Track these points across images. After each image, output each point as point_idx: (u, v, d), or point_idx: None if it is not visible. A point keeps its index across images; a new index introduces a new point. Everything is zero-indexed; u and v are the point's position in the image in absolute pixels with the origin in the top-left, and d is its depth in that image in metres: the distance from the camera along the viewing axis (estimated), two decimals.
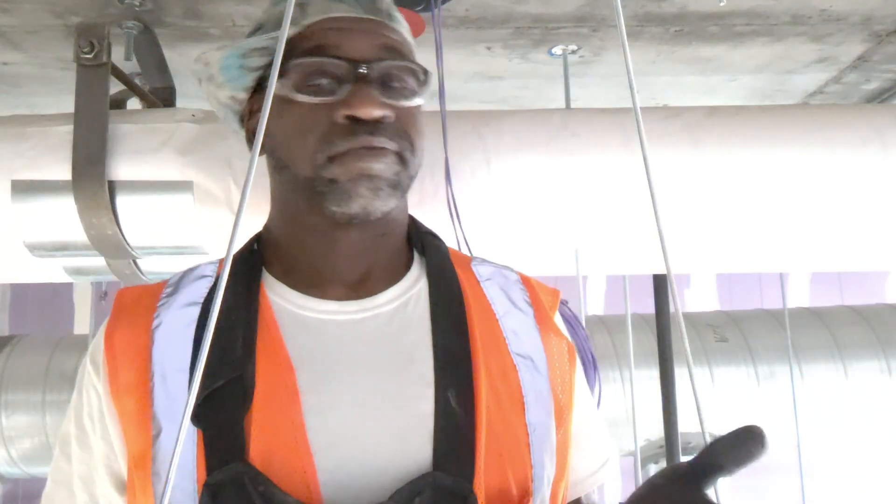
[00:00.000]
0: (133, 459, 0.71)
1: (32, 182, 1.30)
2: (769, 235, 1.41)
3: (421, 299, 0.79)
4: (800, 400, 3.07)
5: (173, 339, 0.74)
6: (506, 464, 0.72)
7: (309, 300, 0.77)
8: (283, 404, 0.70)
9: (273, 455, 0.67)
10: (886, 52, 1.87)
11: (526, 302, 0.84)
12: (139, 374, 0.73)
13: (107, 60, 1.30)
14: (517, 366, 0.78)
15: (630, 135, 1.36)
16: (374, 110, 0.72)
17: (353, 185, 0.72)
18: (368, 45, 0.76)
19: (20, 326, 5.31)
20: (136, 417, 0.71)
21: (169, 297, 0.78)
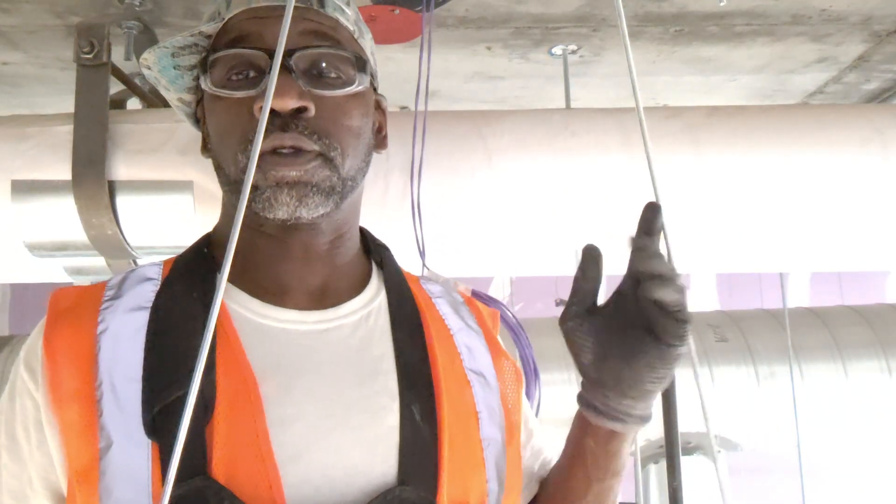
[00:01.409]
0: (76, 473, 0.65)
1: (32, 182, 1.30)
2: (769, 235, 1.41)
3: (381, 312, 0.78)
4: (800, 400, 3.07)
5: (121, 346, 0.69)
6: (465, 478, 0.72)
7: (269, 308, 0.73)
8: (247, 416, 0.66)
9: (237, 468, 0.64)
10: (886, 52, 1.87)
11: (474, 321, 0.84)
12: (83, 382, 0.67)
13: (107, 60, 1.30)
14: (471, 381, 0.78)
15: (630, 135, 1.36)
16: (288, 101, 0.68)
17: (274, 192, 0.69)
18: (296, 33, 0.71)
19: (20, 326, 5.31)
20: (81, 429, 0.66)
21: (112, 301, 0.72)
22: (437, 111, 1.34)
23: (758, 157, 1.37)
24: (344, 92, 0.73)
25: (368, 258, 0.84)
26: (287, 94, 0.68)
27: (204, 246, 0.79)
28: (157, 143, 1.31)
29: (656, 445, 3.00)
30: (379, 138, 0.84)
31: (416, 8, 1.49)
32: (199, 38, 0.75)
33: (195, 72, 0.78)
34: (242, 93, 0.70)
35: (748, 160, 1.36)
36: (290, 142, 0.69)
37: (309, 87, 0.71)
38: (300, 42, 0.72)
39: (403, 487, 0.67)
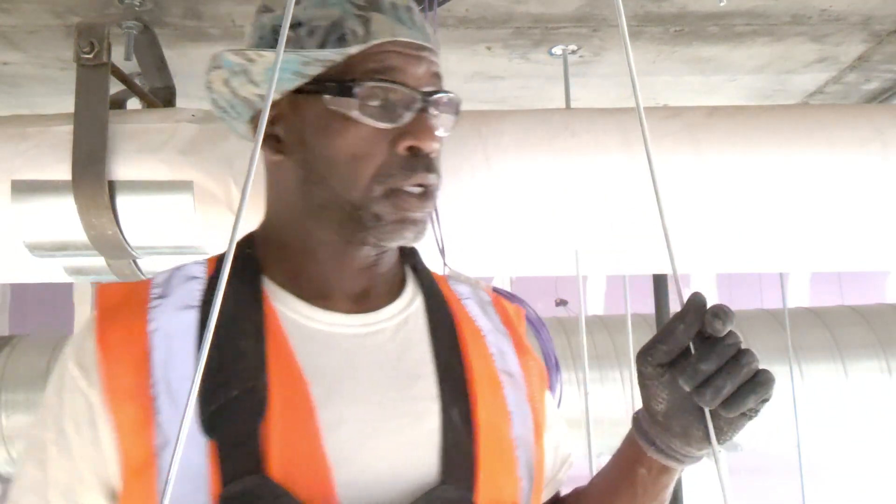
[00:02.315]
0: (131, 470, 0.67)
1: (32, 182, 1.30)
2: (769, 235, 1.41)
3: (419, 316, 0.80)
4: (800, 400, 3.07)
5: (174, 346, 0.71)
6: (499, 477, 0.74)
7: (316, 311, 0.76)
8: (299, 417, 0.69)
9: (292, 468, 0.66)
10: (886, 52, 1.87)
11: (501, 322, 0.86)
12: (139, 380, 0.69)
13: (107, 60, 1.30)
14: (502, 382, 0.80)
15: (630, 135, 1.36)
16: (434, 143, 0.74)
17: (399, 227, 0.74)
18: (426, 74, 0.76)
19: (20, 326, 5.31)
20: (137, 427, 0.68)
21: (161, 300, 0.74)
22: None
23: (758, 157, 1.37)
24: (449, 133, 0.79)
25: (401, 261, 0.86)
26: (433, 137, 0.74)
27: (247, 246, 0.80)
28: (157, 143, 1.31)
29: None
30: None
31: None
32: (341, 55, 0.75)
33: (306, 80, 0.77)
34: (387, 125, 0.73)
35: (748, 160, 1.36)
36: (430, 181, 0.75)
37: (437, 126, 0.76)
38: (431, 84, 0.76)
39: (445, 487, 0.70)
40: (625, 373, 3.15)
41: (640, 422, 0.75)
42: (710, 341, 0.65)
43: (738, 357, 0.65)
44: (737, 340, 0.65)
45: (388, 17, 0.75)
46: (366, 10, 0.75)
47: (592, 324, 3.41)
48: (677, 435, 0.70)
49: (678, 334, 0.66)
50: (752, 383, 0.65)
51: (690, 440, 0.70)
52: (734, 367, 0.65)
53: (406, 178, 0.73)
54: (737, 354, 0.65)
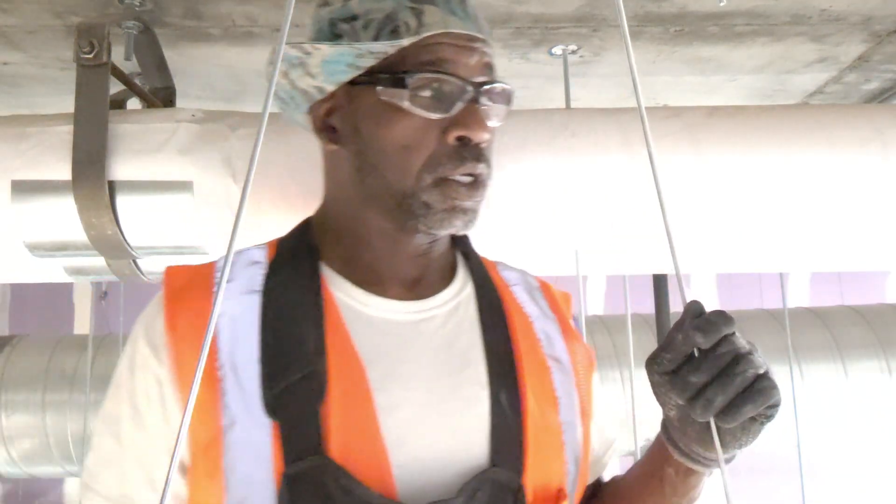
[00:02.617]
0: (200, 448, 0.70)
1: (32, 182, 1.30)
2: (769, 235, 1.41)
3: (470, 303, 0.83)
4: (800, 400, 3.07)
5: (239, 329, 0.74)
6: (547, 461, 0.77)
7: (371, 297, 0.78)
8: (357, 400, 0.72)
9: (350, 449, 0.70)
10: (886, 52, 1.87)
11: (549, 308, 0.88)
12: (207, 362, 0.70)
13: (107, 60, 1.30)
14: (550, 367, 0.82)
15: (630, 135, 1.36)
16: (484, 133, 0.75)
17: (449, 215, 0.76)
18: (478, 65, 0.77)
19: (20, 326, 5.31)
20: (205, 406, 0.71)
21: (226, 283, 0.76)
22: None
23: (758, 157, 1.37)
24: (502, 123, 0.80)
25: (452, 248, 0.88)
26: (485, 128, 0.75)
27: (305, 231, 0.84)
28: (157, 143, 1.31)
29: None
30: None
31: None
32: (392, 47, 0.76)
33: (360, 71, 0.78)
34: (437, 115, 0.75)
35: (748, 160, 1.36)
36: (480, 171, 0.76)
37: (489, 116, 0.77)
38: (483, 75, 0.77)
39: (494, 469, 0.72)
40: (625, 373, 3.15)
41: (666, 424, 0.75)
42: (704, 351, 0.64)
43: (731, 366, 0.63)
44: (732, 348, 0.63)
45: (441, 9, 0.77)
46: (419, 2, 0.77)
47: (592, 324, 3.41)
48: (694, 440, 0.70)
49: (677, 344, 0.66)
50: (748, 392, 0.63)
51: (707, 445, 0.69)
52: (727, 377, 0.63)
53: (455, 167, 0.75)
54: (731, 363, 0.63)
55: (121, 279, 1.47)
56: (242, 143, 1.31)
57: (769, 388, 0.64)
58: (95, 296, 4.39)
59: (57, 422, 3.27)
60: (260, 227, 1.27)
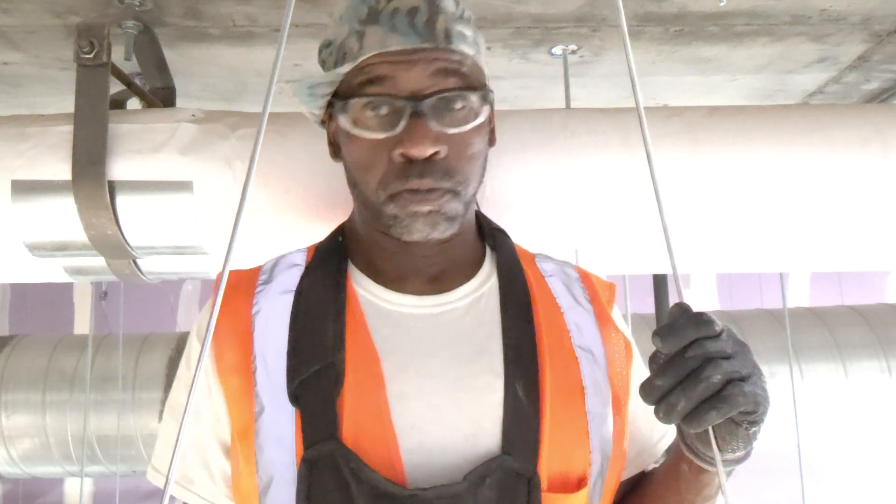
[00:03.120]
0: (237, 432, 0.78)
1: (32, 182, 1.30)
2: (769, 235, 1.41)
3: (492, 295, 0.85)
4: (800, 400, 3.07)
5: (271, 326, 0.81)
6: (567, 450, 0.78)
7: (391, 294, 0.83)
8: (371, 390, 0.76)
9: (362, 435, 0.74)
10: (886, 52, 1.86)
11: (586, 299, 0.89)
12: (242, 356, 0.79)
13: (107, 60, 1.30)
14: (578, 357, 0.83)
15: (630, 135, 1.36)
16: (425, 149, 0.75)
17: (412, 220, 0.78)
18: (422, 75, 0.77)
19: (20, 326, 5.31)
20: (240, 395, 0.78)
21: (265, 285, 0.84)
22: None
23: (758, 156, 1.37)
24: (471, 126, 0.79)
25: (482, 241, 0.91)
26: (423, 143, 0.76)
27: (339, 235, 0.90)
28: (157, 143, 1.31)
29: None
30: (491, 137, 0.89)
31: None
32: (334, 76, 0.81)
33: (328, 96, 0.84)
34: (382, 135, 0.77)
35: (748, 160, 1.36)
36: (428, 186, 0.77)
37: (440, 126, 0.77)
38: (432, 83, 0.77)
39: (505, 457, 0.74)
40: None
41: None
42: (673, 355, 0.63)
43: (697, 371, 0.62)
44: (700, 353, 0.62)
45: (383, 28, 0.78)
46: (364, 24, 0.79)
47: None
48: (696, 438, 0.71)
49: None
50: (714, 398, 0.62)
51: (707, 445, 0.69)
52: (691, 382, 0.62)
53: (402, 185, 0.77)
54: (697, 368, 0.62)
55: (121, 279, 1.47)
56: (242, 143, 1.31)
57: (737, 395, 0.62)
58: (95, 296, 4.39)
59: (57, 422, 3.27)
60: (260, 227, 1.27)
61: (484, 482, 0.72)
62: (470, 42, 0.83)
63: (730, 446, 0.67)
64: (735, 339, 0.66)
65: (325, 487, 0.72)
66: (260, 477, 0.76)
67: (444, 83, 0.78)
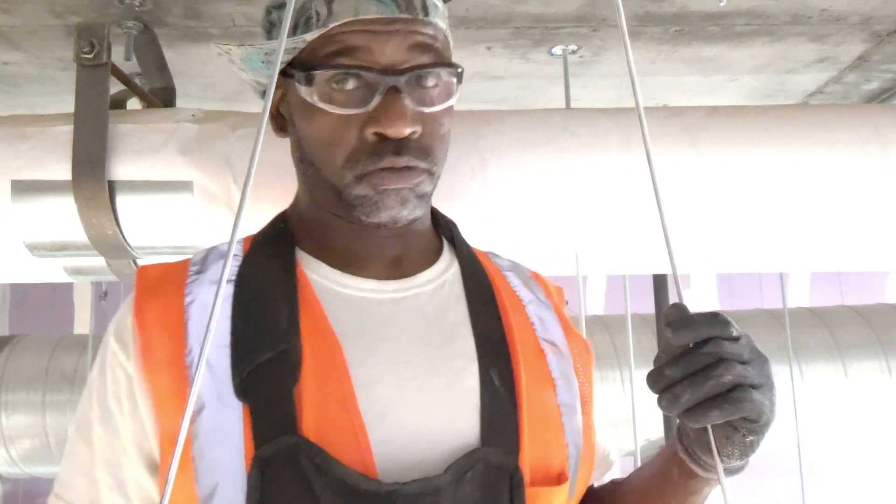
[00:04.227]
0: (168, 438, 0.68)
1: (32, 182, 1.30)
2: (769, 235, 1.41)
3: (455, 281, 0.80)
4: (800, 400, 3.07)
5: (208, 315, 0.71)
6: (546, 442, 0.73)
7: (348, 278, 0.76)
8: (333, 377, 0.69)
9: (326, 427, 0.67)
10: (886, 52, 1.87)
11: (543, 296, 0.85)
12: (174, 349, 0.70)
13: (107, 60, 1.30)
14: (545, 350, 0.79)
15: (630, 135, 1.36)
16: (403, 128, 0.70)
17: (382, 197, 0.72)
18: (399, 49, 0.71)
19: (20, 326, 5.31)
20: (172, 394, 0.69)
21: (198, 275, 0.76)
22: None
23: (758, 157, 1.37)
24: (445, 106, 0.74)
25: (438, 233, 0.86)
26: (400, 122, 0.70)
27: (281, 222, 0.82)
28: (157, 143, 1.31)
29: (656, 445, 3.01)
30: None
31: None
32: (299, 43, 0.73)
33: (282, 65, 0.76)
34: (352, 111, 0.71)
35: (748, 160, 1.36)
36: (404, 164, 0.71)
37: (416, 105, 0.71)
38: (408, 58, 0.72)
39: (487, 449, 0.68)
40: (625, 373, 3.15)
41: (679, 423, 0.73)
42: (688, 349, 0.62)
43: (709, 368, 0.61)
44: (715, 350, 0.61)
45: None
46: None
47: (592, 324, 3.41)
48: (693, 441, 0.69)
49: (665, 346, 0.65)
50: (720, 398, 0.61)
51: (704, 448, 0.68)
52: (700, 377, 0.61)
53: (374, 164, 0.71)
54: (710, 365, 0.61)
55: (121, 279, 1.47)
56: (242, 143, 1.31)
57: (743, 400, 0.61)
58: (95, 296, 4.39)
59: (57, 422, 3.27)
60: (260, 227, 1.27)
61: (465, 476, 0.66)
62: (441, 15, 0.78)
63: (724, 450, 0.65)
64: (754, 349, 0.64)
65: (281, 488, 0.64)
66: (201, 485, 0.66)
67: (421, 58, 0.72)
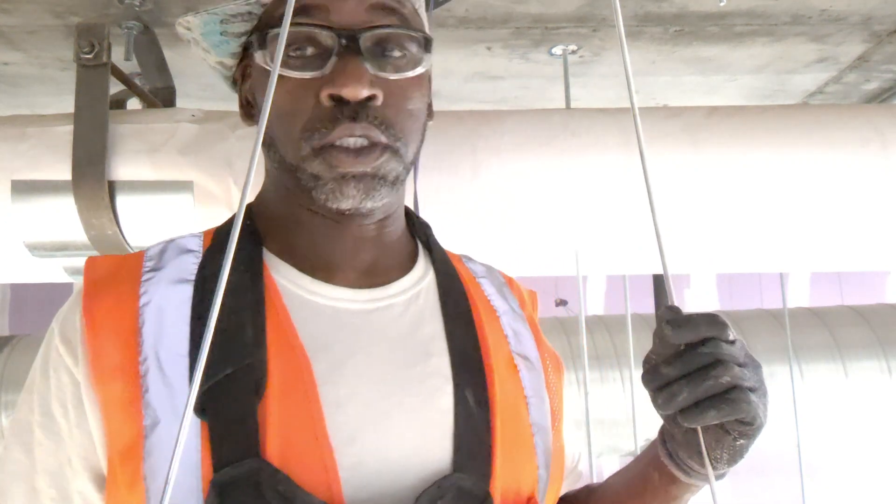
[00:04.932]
0: (118, 453, 0.62)
1: (32, 182, 1.30)
2: (769, 235, 1.41)
3: (431, 292, 0.75)
4: (800, 400, 3.07)
5: (166, 320, 0.66)
6: (517, 466, 0.70)
7: (319, 285, 0.70)
8: (300, 396, 0.63)
9: (291, 451, 0.61)
10: (886, 52, 1.87)
11: (517, 306, 0.81)
12: (127, 356, 0.64)
13: (107, 60, 1.30)
14: (518, 366, 0.75)
15: (630, 135, 1.36)
16: (360, 89, 0.64)
17: (339, 184, 0.66)
18: (358, 8, 0.67)
19: (20, 326, 5.31)
20: (123, 405, 0.62)
21: (154, 272, 0.69)
22: (437, 111, 1.33)
23: (758, 156, 1.37)
24: (410, 74, 0.69)
25: (413, 236, 0.81)
26: (359, 82, 0.64)
27: (246, 217, 0.74)
28: (157, 143, 1.31)
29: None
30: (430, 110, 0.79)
31: None
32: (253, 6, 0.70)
33: (242, 39, 0.73)
34: (309, 74, 0.66)
35: (748, 160, 1.36)
36: (361, 131, 0.65)
37: (376, 70, 0.66)
38: (368, 18, 0.67)
39: (459, 475, 0.64)
40: (625, 373, 3.15)
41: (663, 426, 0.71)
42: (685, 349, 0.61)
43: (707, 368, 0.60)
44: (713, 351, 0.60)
45: None
46: None
47: (592, 324, 3.41)
48: (680, 444, 0.67)
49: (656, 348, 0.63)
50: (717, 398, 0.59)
51: (691, 452, 0.66)
52: (698, 376, 0.59)
53: (330, 131, 0.65)
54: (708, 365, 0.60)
55: None
56: (242, 143, 1.31)
57: (740, 402, 0.59)
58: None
59: None
60: None
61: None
62: None
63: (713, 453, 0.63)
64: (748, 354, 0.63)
65: None
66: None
67: (382, 20, 0.67)
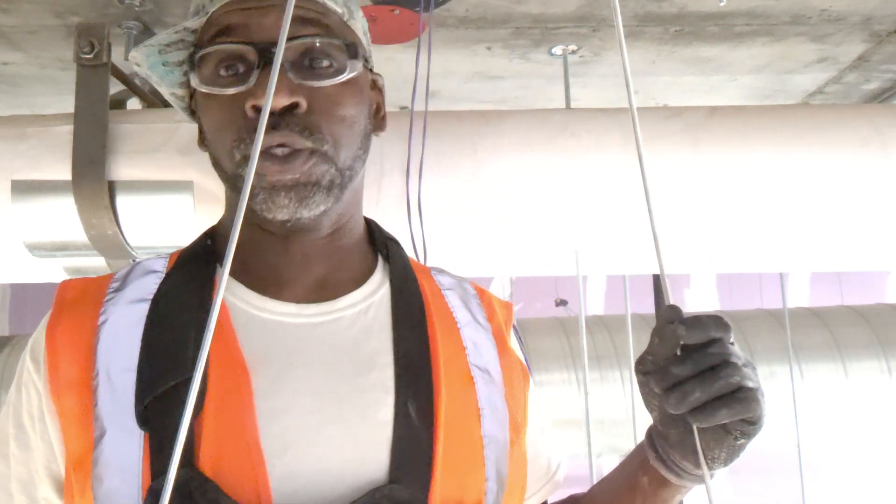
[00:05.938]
0: (72, 461, 0.66)
1: (32, 182, 1.30)
2: (769, 235, 1.41)
3: (383, 305, 0.76)
4: (800, 400, 3.07)
5: (120, 337, 0.70)
6: (462, 477, 0.70)
7: (266, 301, 0.73)
8: (236, 408, 0.66)
9: (223, 461, 0.64)
10: (886, 52, 1.87)
11: (483, 317, 0.82)
12: (82, 371, 0.68)
13: (107, 60, 1.30)
14: (474, 377, 0.75)
15: (630, 135, 1.36)
16: (279, 98, 0.67)
17: (270, 195, 0.68)
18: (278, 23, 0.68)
19: (20, 326, 5.31)
20: (78, 417, 0.67)
21: (116, 293, 0.73)
22: (437, 111, 1.34)
23: (758, 156, 1.37)
24: (335, 81, 0.71)
25: (374, 251, 0.82)
26: (278, 91, 0.67)
27: (207, 238, 0.79)
28: (157, 143, 1.31)
29: None
30: (377, 120, 0.81)
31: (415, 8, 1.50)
32: (184, 33, 0.73)
33: (184, 67, 0.76)
34: (233, 90, 0.69)
35: (748, 160, 1.36)
36: (280, 139, 0.67)
37: (300, 79, 0.69)
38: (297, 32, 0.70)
39: (394, 486, 0.65)
40: (625, 373, 3.15)
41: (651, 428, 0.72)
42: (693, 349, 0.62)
43: (717, 368, 0.61)
44: (721, 351, 0.61)
45: None
46: None
47: (592, 324, 3.41)
48: (674, 446, 0.68)
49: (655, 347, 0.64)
50: (728, 397, 0.61)
51: (686, 453, 0.67)
52: (709, 376, 0.61)
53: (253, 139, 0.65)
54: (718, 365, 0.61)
55: None
56: None
57: (750, 401, 0.61)
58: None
59: None
60: None
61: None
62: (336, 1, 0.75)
63: (712, 453, 0.65)
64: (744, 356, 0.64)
65: None
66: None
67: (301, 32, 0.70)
